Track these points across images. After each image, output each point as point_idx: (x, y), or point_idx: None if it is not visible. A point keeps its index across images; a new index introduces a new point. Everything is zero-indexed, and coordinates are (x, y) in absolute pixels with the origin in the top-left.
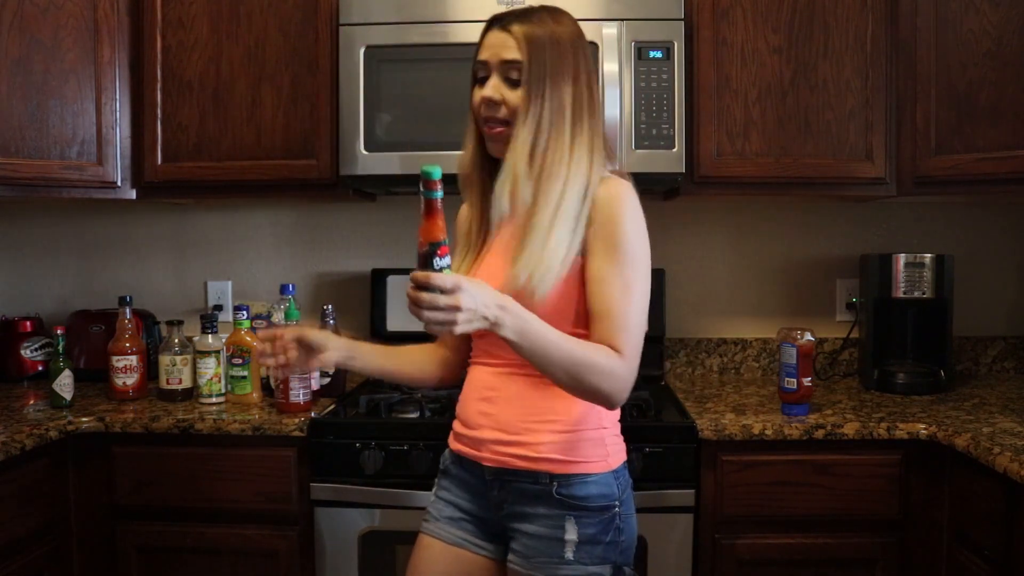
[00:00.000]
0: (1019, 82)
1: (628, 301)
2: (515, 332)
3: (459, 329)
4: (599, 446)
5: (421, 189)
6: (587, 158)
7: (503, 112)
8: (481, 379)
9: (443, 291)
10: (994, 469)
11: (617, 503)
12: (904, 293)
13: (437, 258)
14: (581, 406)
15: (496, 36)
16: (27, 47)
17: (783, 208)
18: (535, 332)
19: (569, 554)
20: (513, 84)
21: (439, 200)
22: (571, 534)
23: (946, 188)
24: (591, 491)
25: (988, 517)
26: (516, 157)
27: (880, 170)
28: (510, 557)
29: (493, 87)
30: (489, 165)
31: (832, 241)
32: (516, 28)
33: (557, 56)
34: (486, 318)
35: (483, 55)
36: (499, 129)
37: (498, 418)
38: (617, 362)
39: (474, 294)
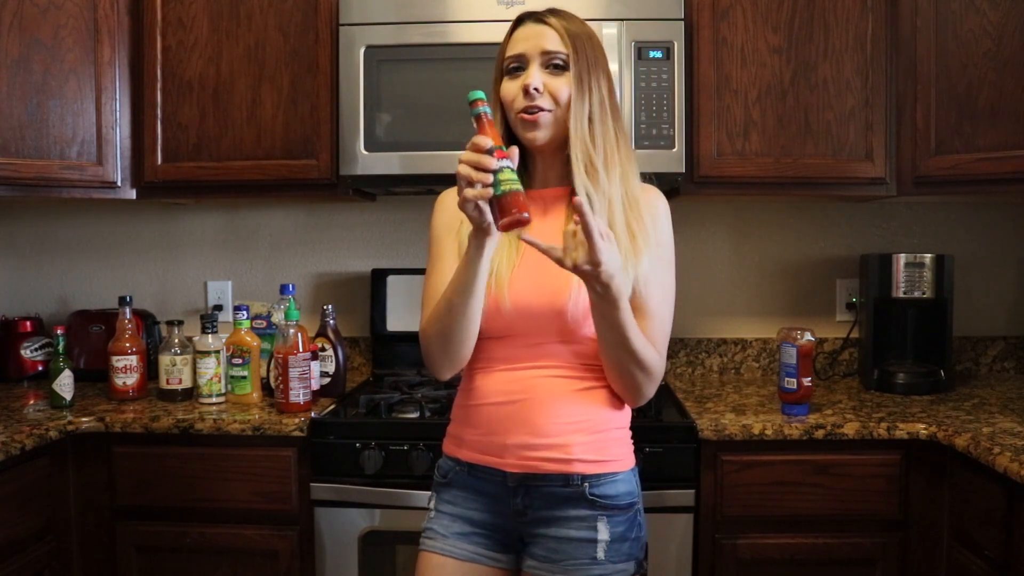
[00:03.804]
0: (1019, 82)
1: (668, 305)
2: (619, 295)
3: (603, 276)
4: (623, 445)
5: (471, 112)
6: (629, 152)
7: (546, 101)
8: (500, 383)
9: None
10: (994, 469)
11: (638, 499)
12: (904, 293)
13: (496, 160)
14: (609, 403)
15: (532, 29)
16: (27, 47)
17: (783, 208)
18: (625, 305)
19: (600, 554)
20: (554, 73)
21: (486, 114)
22: (603, 534)
23: (946, 188)
24: (620, 489)
25: (988, 517)
26: (584, 147)
27: (880, 170)
28: (531, 564)
29: (537, 75)
30: (519, 169)
31: (832, 241)
32: (554, 21)
33: (593, 50)
34: (611, 276)
35: (519, 48)
36: (538, 113)
37: (526, 421)
38: (657, 359)
39: (613, 254)
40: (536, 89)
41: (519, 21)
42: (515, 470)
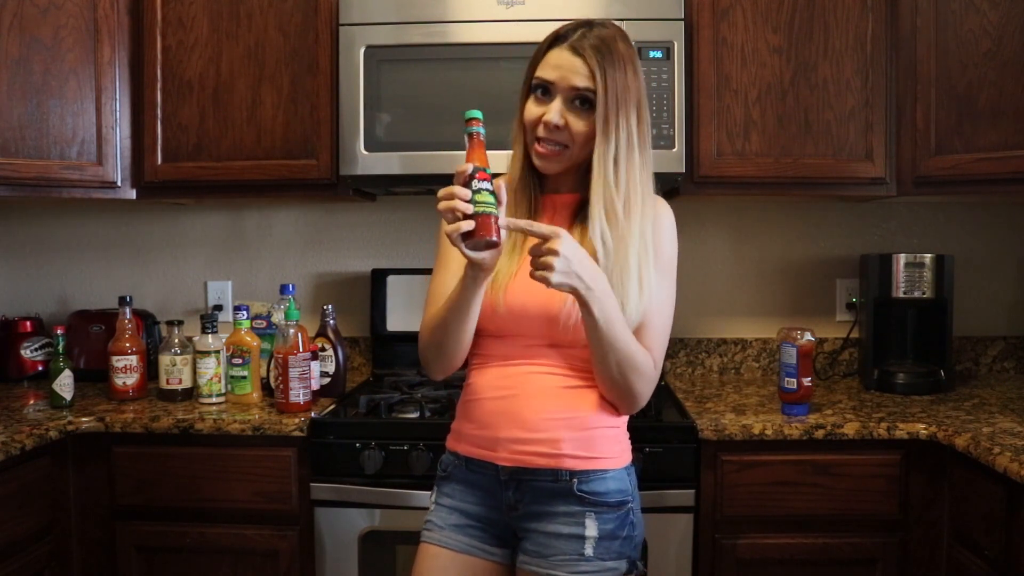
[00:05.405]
0: (1019, 82)
1: (666, 314)
2: (600, 308)
3: (555, 278)
4: (615, 442)
5: (464, 129)
6: (650, 185)
7: (564, 137)
8: (494, 379)
9: (542, 237)
10: (994, 469)
11: (631, 498)
12: (904, 293)
13: (476, 180)
14: (598, 403)
15: (566, 58)
16: (27, 47)
17: (783, 208)
18: (612, 314)
19: (589, 550)
20: (578, 110)
21: (479, 134)
22: (591, 530)
23: (946, 188)
24: (610, 487)
25: (988, 517)
26: (607, 192)
27: (880, 170)
28: (523, 558)
29: (558, 112)
30: (533, 175)
31: (832, 241)
32: (589, 53)
33: (626, 84)
34: (581, 279)
35: (549, 75)
36: (553, 150)
37: (517, 416)
38: (652, 367)
39: (573, 249)
40: (556, 126)
41: (556, 40)
42: (507, 463)
